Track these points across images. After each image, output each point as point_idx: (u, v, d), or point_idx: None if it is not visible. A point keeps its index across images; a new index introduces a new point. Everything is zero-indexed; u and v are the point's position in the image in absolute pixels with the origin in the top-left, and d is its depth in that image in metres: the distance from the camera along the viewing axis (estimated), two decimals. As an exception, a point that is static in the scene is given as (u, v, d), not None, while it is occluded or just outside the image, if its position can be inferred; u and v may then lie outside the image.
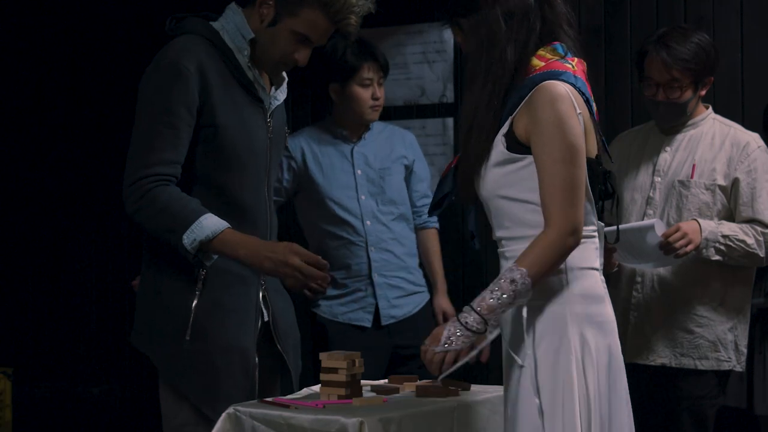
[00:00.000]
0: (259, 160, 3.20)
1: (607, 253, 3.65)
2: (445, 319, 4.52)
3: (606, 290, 2.75)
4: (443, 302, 4.55)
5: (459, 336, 2.61)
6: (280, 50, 3.17)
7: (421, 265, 4.56)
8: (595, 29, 4.90)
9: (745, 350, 3.95)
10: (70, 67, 6.05)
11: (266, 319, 3.23)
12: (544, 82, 2.64)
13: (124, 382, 5.87)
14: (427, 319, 4.48)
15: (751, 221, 3.81)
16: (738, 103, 4.73)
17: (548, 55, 2.70)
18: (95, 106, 5.99)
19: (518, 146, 2.66)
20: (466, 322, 2.61)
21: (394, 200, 4.42)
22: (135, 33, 5.91)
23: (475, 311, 2.61)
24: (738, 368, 3.93)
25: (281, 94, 3.30)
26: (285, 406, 2.81)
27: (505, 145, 2.67)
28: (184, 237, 2.95)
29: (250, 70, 3.16)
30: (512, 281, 2.59)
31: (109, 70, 5.96)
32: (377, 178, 4.40)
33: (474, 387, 3.19)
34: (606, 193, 2.78)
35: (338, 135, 4.42)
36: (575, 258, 2.66)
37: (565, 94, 2.63)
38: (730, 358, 3.90)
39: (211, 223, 2.97)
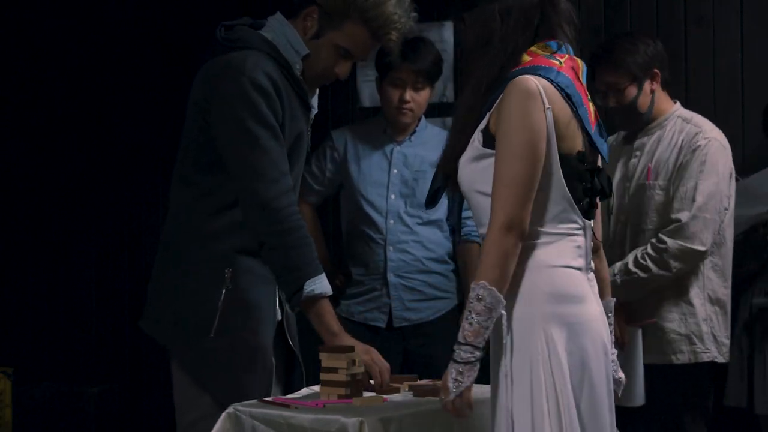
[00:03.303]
0: (299, 166, 3.28)
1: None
2: None
3: (589, 289, 2.69)
4: None
5: (462, 373, 2.57)
6: (322, 63, 3.26)
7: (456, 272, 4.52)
8: (595, 29, 4.90)
9: (726, 341, 3.99)
10: (71, 66, 6.04)
11: (279, 318, 3.30)
12: (515, 78, 2.62)
13: (124, 382, 5.87)
14: (446, 328, 4.41)
15: (670, 222, 3.86)
16: (738, 103, 4.73)
17: (539, 52, 2.68)
18: (96, 105, 5.99)
19: (492, 141, 2.63)
20: (461, 358, 2.56)
21: (424, 204, 4.38)
22: (138, 32, 5.91)
23: (462, 344, 2.56)
24: (720, 359, 3.97)
25: (315, 103, 3.37)
26: (285, 406, 2.82)
27: (481, 140, 2.65)
28: (307, 284, 3.07)
29: (303, 82, 3.23)
30: (479, 298, 2.54)
31: (110, 70, 5.96)
32: (411, 180, 4.38)
33: (474, 387, 3.19)
34: (593, 190, 2.70)
35: (384, 133, 4.42)
36: (545, 255, 2.63)
37: (533, 89, 2.60)
38: (708, 349, 3.94)
39: (327, 283, 3.13)
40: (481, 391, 3.10)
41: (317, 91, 3.39)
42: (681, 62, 4.81)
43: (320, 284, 3.09)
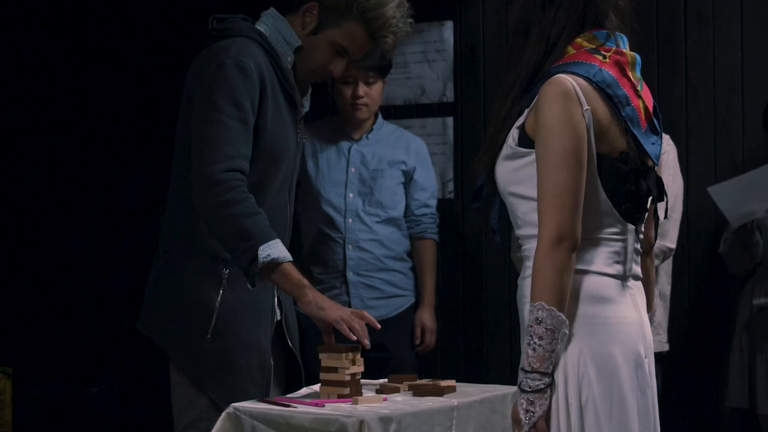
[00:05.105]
0: (288, 163, 3.27)
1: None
2: (423, 334, 4.52)
3: (623, 295, 2.50)
4: (425, 317, 4.51)
5: (533, 402, 2.40)
6: (317, 60, 3.26)
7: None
8: (595, 29, 4.90)
9: (666, 333, 4.27)
10: (71, 66, 6.04)
11: (278, 318, 3.29)
12: (552, 77, 2.46)
13: (123, 382, 5.87)
14: (405, 325, 4.46)
15: None
16: (738, 103, 4.73)
17: (585, 44, 2.52)
18: (97, 105, 5.99)
19: (527, 140, 2.49)
20: (529, 387, 2.39)
21: (382, 203, 4.42)
22: (139, 32, 5.91)
23: (528, 371, 2.39)
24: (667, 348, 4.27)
25: (307, 103, 3.36)
26: (285, 406, 2.81)
27: (516, 137, 2.51)
28: (261, 249, 2.97)
29: (291, 76, 3.22)
30: (538, 321, 2.37)
31: (110, 72, 5.96)
32: (369, 178, 4.41)
33: (474, 386, 3.20)
34: (637, 193, 2.51)
35: (341, 131, 4.46)
36: (576, 260, 2.43)
37: (569, 90, 2.43)
38: (669, 340, 4.22)
39: (283, 248, 3.03)
40: (482, 390, 3.11)
41: (309, 89, 3.39)
42: (681, 62, 4.81)
43: (275, 249, 2.99)
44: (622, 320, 2.48)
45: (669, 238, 4.13)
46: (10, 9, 6.15)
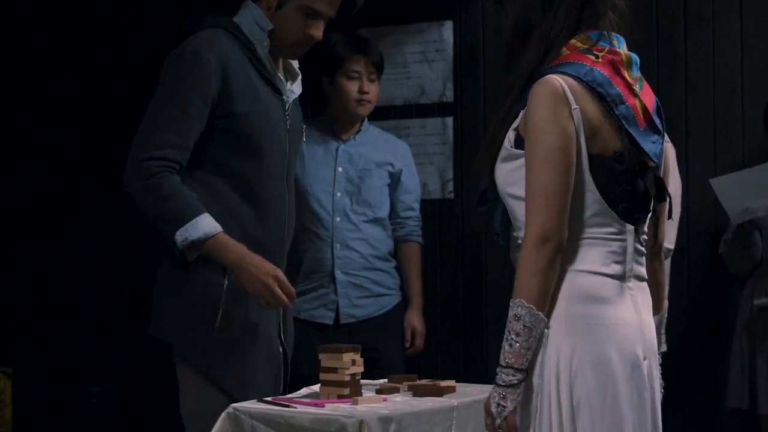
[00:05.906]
0: (279, 150, 3.28)
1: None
2: (414, 337, 4.54)
3: (623, 296, 2.47)
4: (414, 319, 4.54)
5: (504, 397, 2.41)
6: (293, 30, 3.28)
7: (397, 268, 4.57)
8: (595, 29, 4.90)
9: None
10: (71, 67, 6.04)
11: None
12: (542, 78, 2.46)
13: (124, 382, 5.87)
14: (391, 324, 4.48)
15: None
16: (738, 103, 4.73)
17: (578, 44, 2.51)
18: (96, 104, 5.99)
19: (522, 142, 2.48)
20: (503, 381, 2.41)
21: (369, 202, 4.44)
22: (138, 34, 5.91)
23: (503, 366, 2.41)
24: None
25: (297, 88, 3.38)
26: (285, 406, 2.81)
27: (512, 139, 2.50)
28: (177, 234, 3.02)
29: (269, 62, 3.23)
30: (517, 317, 2.39)
31: (111, 71, 5.95)
32: (356, 178, 4.43)
33: (474, 386, 3.20)
34: (634, 193, 2.48)
35: (329, 131, 4.46)
36: (567, 260, 2.45)
37: (557, 90, 2.43)
38: (667, 340, 4.04)
39: (205, 225, 3.04)
40: (482, 390, 3.11)
41: (299, 75, 3.39)
42: (681, 62, 4.81)
43: (193, 230, 3.03)
44: (619, 321, 2.46)
45: (667, 238, 4.11)
46: (10, 8, 6.15)
